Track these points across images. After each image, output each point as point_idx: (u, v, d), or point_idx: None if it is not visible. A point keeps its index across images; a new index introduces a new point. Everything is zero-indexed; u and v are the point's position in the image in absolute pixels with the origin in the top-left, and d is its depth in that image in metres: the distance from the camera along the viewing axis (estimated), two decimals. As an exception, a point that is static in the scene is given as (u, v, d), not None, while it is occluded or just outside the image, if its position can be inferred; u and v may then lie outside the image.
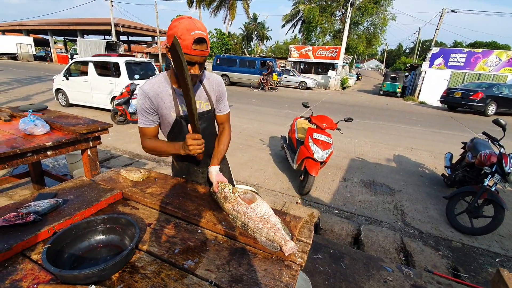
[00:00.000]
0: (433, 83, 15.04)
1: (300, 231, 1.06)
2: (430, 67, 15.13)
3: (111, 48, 17.35)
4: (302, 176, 3.29)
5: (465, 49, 14.69)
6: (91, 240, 0.92)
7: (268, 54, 43.29)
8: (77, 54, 18.51)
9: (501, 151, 2.77)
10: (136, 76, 6.65)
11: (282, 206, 3.01)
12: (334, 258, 2.17)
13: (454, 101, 11.65)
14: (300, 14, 30.31)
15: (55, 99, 7.82)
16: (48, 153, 1.80)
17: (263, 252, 0.92)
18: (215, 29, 30.77)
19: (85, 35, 29.25)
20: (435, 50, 14.96)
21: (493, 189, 2.68)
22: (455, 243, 2.60)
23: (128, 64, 6.68)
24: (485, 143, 3.40)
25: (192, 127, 1.11)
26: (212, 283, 0.77)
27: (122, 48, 18.45)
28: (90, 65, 6.90)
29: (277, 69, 16.07)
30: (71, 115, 2.35)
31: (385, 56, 57.05)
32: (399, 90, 17.71)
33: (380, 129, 7.33)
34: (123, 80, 6.49)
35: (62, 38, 36.51)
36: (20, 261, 0.83)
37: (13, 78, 13.29)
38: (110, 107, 6.61)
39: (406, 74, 19.36)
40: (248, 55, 31.68)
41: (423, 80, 15.42)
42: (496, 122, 2.91)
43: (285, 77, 18.30)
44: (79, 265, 0.86)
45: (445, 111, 12.16)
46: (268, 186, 3.53)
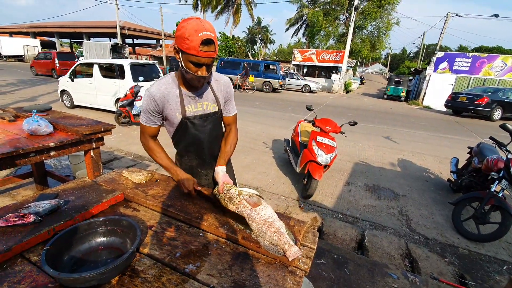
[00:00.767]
0: (438, 88, 14.92)
1: (304, 236, 1.04)
2: (435, 71, 15.03)
3: (116, 51, 17.51)
4: (306, 180, 3.25)
5: (470, 54, 14.57)
6: (92, 242, 0.91)
7: (272, 58, 43.38)
8: (83, 56, 18.75)
9: (509, 156, 2.72)
10: (141, 78, 6.69)
11: (285, 210, 2.98)
12: (338, 264, 2.14)
13: (459, 106, 11.54)
14: (304, 18, 30.40)
15: (60, 100, 7.89)
16: (51, 154, 1.80)
17: (266, 257, 0.90)
18: (219, 32, 31.02)
19: (91, 38, 29.64)
20: (440, 54, 14.88)
21: (500, 195, 2.63)
22: (462, 250, 2.55)
23: (133, 66, 6.72)
24: (492, 148, 3.34)
25: (204, 192, 1.22)
26: (214, 289, 0.75)
27: (127, 51, 18.60)
28: (95, 67, 6.96)
29: (281, 72, 16.07)
30: (75, 116, 2.35)
31: (389, 60, 56.94)
32: (403, 94, 17.56)
33: (384, 133, 7.27)
34: (128, 82, 6.53)
35: (68, 41, 37.02)
36: (19, 263, 0.81)
37: (19, 80, 13.46)
38: (114, 109, 6.64)
39: (411, 78, 19.26)
40: (252, 58, 31.81)
41: (428, 84, 15.31)
42: (504, 127, 2.86)
43: (289, 80, 18.30)
44: (79, 268, 0.84)
45: (450, 116, 12.05)
46: (271, 189, 3.50)
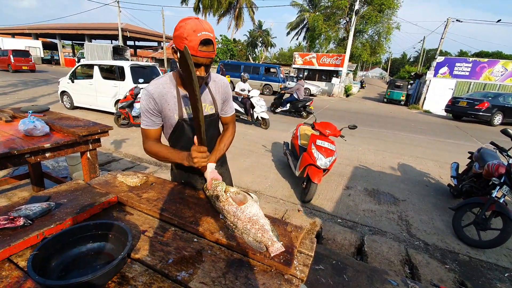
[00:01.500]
0: (438, 92, 14.94)
1: (302, 242, 1.01)
2: (435, 76, 15.05)
3: (118, 53, 17.57)
4: (305, 183, 3.23)
5: (471, 59, 14.60)
6: (82, 247, 0.88)
7: (273, 61, 43.56)
8: (84, 58, 18.81)
9: (510, 162, 2.70)
10: (141, 80, 6.69)
11: (284, 214, 2.94)
12: (337, 270, 2.10)
13: (460, 110, 11.54)
14: (305, 22, 30.59)
15: (60, 102, 7.89)
16: (47, 155, 1.78)
17: (262, 265, 0.87)
18: (221, 35, 31.18)
19: (93, 40, 29.76)
20: (440, 59, 14.91)
21: (502, 201, 2.60)
22: (462, 256, 2.51)
23: (133, 68, 6.73)
24: (493, 153, 3.32)
25: (198, 140, 1.09)
26: (206, 298, 0.72)
27: (129, 53, 18.66)
28: (96, 69, 6.97)
29: (281, 76, 16.10)
30: (72, 117, 2.33)
31: (389, 65, 57.09)
32: (403, 98, 17.87)
33: (384, 137, 7.25)
34: (128, 84, 6.53)
35: (70, 42, 37.17)
36: (7, 268, 0.79)
37: (20, 80, 13.49)
38: (114, 110, 6.64)
39: (411, 82, 19.34)
40: (253, 62, 31.90)
41: (428, 89, 15.34)
42: (505, 132, 2.84)
43: (289, 84, 18.33)
44: (68, 274, 0.81)
45: (450, 120, 12.04)
46: (270, 193, 3.47)
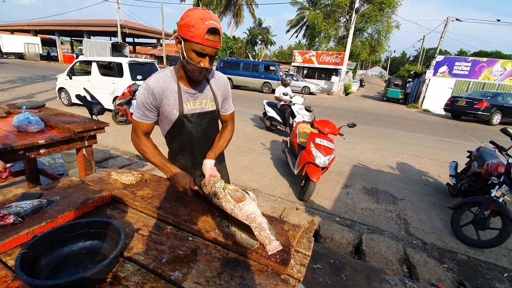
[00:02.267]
0: (437, 91, 14.93)
1: (299, 242, 0.99)
2: (435, 75, 15.04)
3: (116, 50, 17.45)
4: (303, 182, 3.21)
5: (470, 58, 14.58)
6: (74, 246, 0.86)
7: (272, 59, 43.43)
8: (83, 54, 18.67)
9: (509, 161, 2.69)
10: (139, 77, 6.64)
11: (282, 212, 2.93)
12: (334, 269, 2.09)
13: (459, 110, 11.54)
14: (305, 20, 30.45)
15: (58, 98, 7.83)
16: (41, 151, 1.75)
17: (258, 264, 0.85)
18: (220, 33, 30.95)
19: (92, 36, 29.55)
20: (440, 58, 14.89)
21: (501, 200, 2.59)
22: (461, 256, 2.50)
23: (131, 65, 6.67)
24: (492, 153, 3.31)
25: (201, 192, 1.09)
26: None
27: (127, 50, 18.54)
28: (94, 65, 6.91)
29: (280, 74, 16.05)
30: (68, 113, 2.30)
31: (389, 63, 57.03)
32: (401, 97, 18.18)
33: (383, 136, 7.24)
34: (126, 81, 6.48)
35: (69, 39, 36.94)
36: (-6, 267, 0.76)
37: (19, 77, 13.39)
38: (112, 107, 6.59)
39: (409, 81, 19.43)
40: (252, 59, 31.80)
41: (427, 88, 15.33)
42: (504, 131, 2.82)
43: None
44: (59, 273, 0.79)
45: (449, 119, 12.04)
46: (268, 191, 3.45)
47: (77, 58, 9.35)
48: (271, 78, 15.94)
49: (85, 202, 1.03)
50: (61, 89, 7.61)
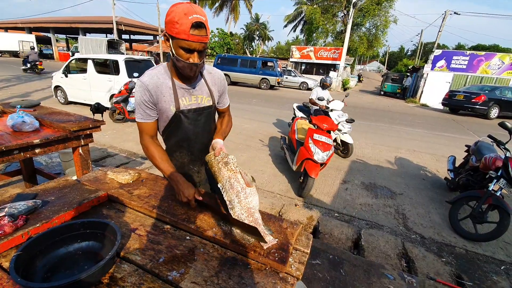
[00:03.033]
0: (435, 86, 14.92)
1: (297, 239, 0.98)
2: (432, 69, 15.01)
3: (113, 47, 17.29)
4: (302, 178, 3.21)
5: (468, 52, 14.54)
6: (69, 247, 0.85)
7: (270, 55, 43.20)
8: (78, 52, 18.49)
9: (507, 155, 2.69)
10: (135, 74, 6.58)
11: (281, 208, 2.93)
12: (333, 264, 2.09)
13: (456, 104, 11.55)
14: (302, 15, 30.24)
15: (54, 96, 7.76)
16: (36, 151, 1.73)
17: (256, 263, 0.84)
18: (217, 29, 30.73)
19: (87, 33, 29.25)
20: (438, 52, 14.85)
21: (498, 194, 2.60)
22: (459, 250, 2.52)
23: (128, 62, 6.60)
24: (490, 147, 3.31)
25: (206, 203, 1.08)
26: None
27: (124, 47, 18.38)
28: (90, 63, 6.84)
29: (278, 70, 15.96)
30: (64, 112, 2.27)
31: (387, 58, 56.86)
32: (399, 91, 18.37)
33: (381, 131, 7.24)
34: (122, 78, 6.41)
35: (64, 36, 36.51)
36: (-11, 270, 0.75)
37: (14, 75, 13.24)
38: (109, 105, 6.54)
39: (407, 75, 19.47)
40: (250, 55, 31.62)
41: (425, 82, 15.31)
42: (502, 125, 2.83)
43: (286, 78, 18.20)
44: (55, 275, 0.78)
45: (447, 114, 12.06)
46: (267, 188, 3.45)
47: (73, 56, 9.25)
48: (269, 74, 15.85)
49: (81, 202, 1.02)
50: (57, 88, 7.53)
